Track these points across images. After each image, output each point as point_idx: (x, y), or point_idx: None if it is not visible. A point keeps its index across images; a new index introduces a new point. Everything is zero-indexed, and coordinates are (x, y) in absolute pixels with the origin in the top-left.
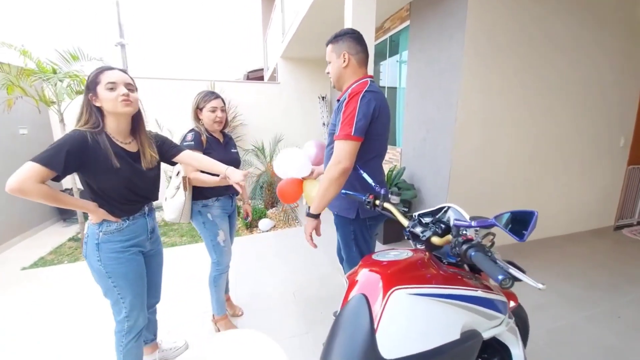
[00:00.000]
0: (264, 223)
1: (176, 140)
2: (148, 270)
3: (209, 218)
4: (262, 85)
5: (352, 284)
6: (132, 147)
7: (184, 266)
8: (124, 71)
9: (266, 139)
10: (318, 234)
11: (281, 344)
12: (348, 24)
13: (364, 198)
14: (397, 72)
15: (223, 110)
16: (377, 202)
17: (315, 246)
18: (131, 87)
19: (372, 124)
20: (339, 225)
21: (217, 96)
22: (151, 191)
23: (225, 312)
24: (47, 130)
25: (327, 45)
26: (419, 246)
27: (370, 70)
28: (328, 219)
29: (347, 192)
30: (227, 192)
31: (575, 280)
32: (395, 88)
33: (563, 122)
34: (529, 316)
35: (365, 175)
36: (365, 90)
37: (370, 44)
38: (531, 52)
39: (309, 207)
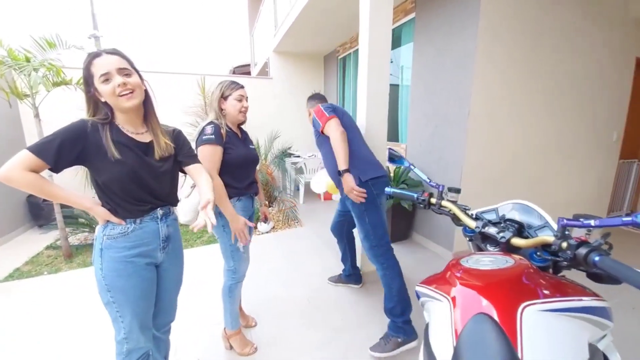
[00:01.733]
0: (263, 224)
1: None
2: (162, 286)
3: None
4: (253, 80)
5: (452, 299)
6: (144, 138)
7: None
8: (115, 52)
9: (261, 136)
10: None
11: (305, 357)
12: (364, 12)
13: (416, 196)
14: (399, 67)
15: (247, 100)
16: (433, 200)
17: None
18: (127, 72)
19: (341, 118)
20: (351, 206)
21: (242, 86)
22: (164, 189)
23: (239, 325)
24: (18, 126)
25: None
26: (490, 248)
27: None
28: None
29: (395, 190)
30: (248, 191)
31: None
32: (397, 85)
33: (566, 116)
34: None
35: (417, 171)
36: (320, 105)
37: (388, 32)
38: (541, 45)
39: (340, 171)
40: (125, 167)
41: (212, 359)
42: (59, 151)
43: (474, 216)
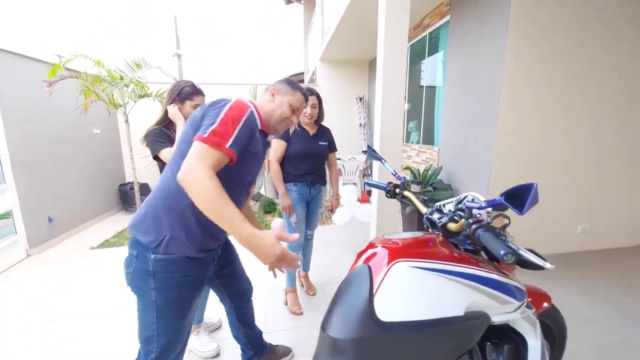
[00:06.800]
0: (331, 214)
1: None
2: None
3: None
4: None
5: (358, 258)
6: None
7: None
8: (204, 95)
9: None
10: None
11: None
12: (381, 24)
13: (385, 187)
14: (437, 70)
15: (314, 106)
16: (397, 190)
17: None
18: None
19: None
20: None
21: (311, 93)
22: None
23: (294, 285)
24: (115, 129)
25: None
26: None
27: (409, 70)
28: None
29: (370, 182)
30: (304, 179)
31: (637, 294)
32: (435, 87)
33: (611, 119)
34: (579, 328)
35: (387, 165)
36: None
37: (404, 41)
38: (583, 40)
39: None
40: None
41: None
42: None
43: (437, 207)
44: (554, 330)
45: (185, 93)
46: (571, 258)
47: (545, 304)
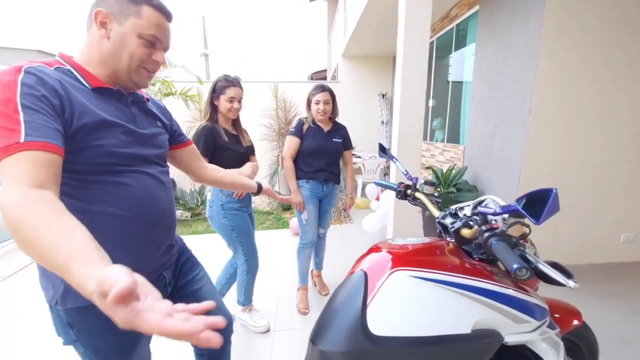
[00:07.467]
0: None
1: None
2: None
3: None
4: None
5: (357, 262)
6: (233, 131)
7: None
8: (241, 86)
9: None
10: None
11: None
12: (401, 18)
13: (395, 187)
14: (464, 64)
15: (327, 102)
16: (409, 191)
17: None
18: (240, 99)
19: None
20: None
21: (324, 89)
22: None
23: (305, 284)
24: None
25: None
26: (449, 239)
27: (434, 65)
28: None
29: (381, 182)
30: (316, 176)
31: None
32: (462, 82)
33: None
34: (614, 349)
35: (398, 164)
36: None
37: (425, 37)
38: (627, 30)
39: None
40: (234, 151)
41: (285, 313)
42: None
43: (451, 210)
44: (583, 351)
45: (219, 88)
46: (611, 269)
47: (575, 322)
